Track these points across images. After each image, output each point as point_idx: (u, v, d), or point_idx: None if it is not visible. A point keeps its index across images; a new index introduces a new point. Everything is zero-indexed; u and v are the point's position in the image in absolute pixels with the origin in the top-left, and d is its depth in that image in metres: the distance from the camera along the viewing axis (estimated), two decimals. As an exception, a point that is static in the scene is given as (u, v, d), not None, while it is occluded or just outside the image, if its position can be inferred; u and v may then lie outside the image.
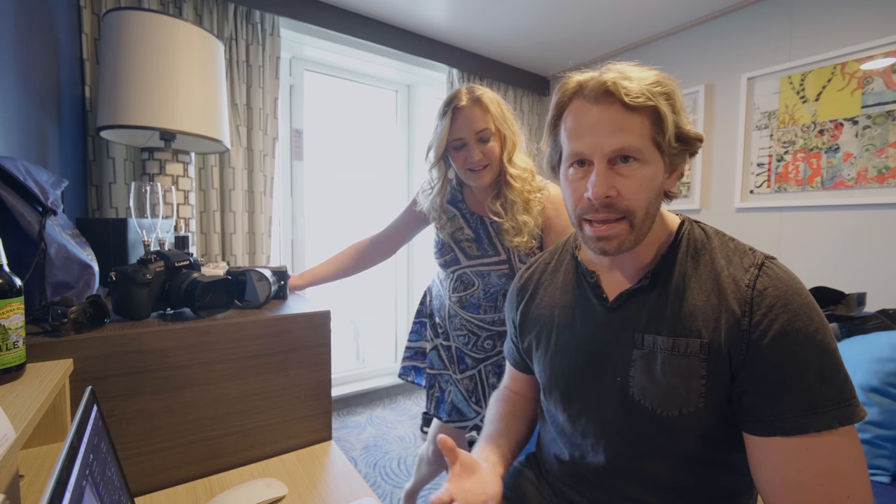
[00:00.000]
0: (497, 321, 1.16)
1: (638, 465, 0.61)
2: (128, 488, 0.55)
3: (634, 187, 0.55)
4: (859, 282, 1.67)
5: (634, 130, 0.54)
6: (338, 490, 0.75)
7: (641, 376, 0.58)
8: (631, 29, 2.26)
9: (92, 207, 1.62)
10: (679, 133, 0.56)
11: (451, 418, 1.21)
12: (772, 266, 0.54)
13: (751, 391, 0.52)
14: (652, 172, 0.56)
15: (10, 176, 0.71)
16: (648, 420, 0.58)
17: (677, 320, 0.57)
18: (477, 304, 1.15)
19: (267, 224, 1.97)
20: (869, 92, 1.66)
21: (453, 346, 1.22)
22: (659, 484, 0.60)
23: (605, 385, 0.62)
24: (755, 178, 1.98)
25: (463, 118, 1.01)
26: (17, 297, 0.55)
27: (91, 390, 0.50)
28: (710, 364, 0.54)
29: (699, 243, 0.60)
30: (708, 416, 0.55)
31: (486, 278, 1.12)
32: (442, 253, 1.16)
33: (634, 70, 0.56)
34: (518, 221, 1.04)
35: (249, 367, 0.82)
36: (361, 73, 2.51)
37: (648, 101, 0.53)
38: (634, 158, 0.55)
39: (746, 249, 0.57)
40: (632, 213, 0.56)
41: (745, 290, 0.53)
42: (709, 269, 0.57)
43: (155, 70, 1.24)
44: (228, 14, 1.81)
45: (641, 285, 0.60)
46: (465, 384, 1.20)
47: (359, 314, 2.75)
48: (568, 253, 0.75)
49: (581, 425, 0.66)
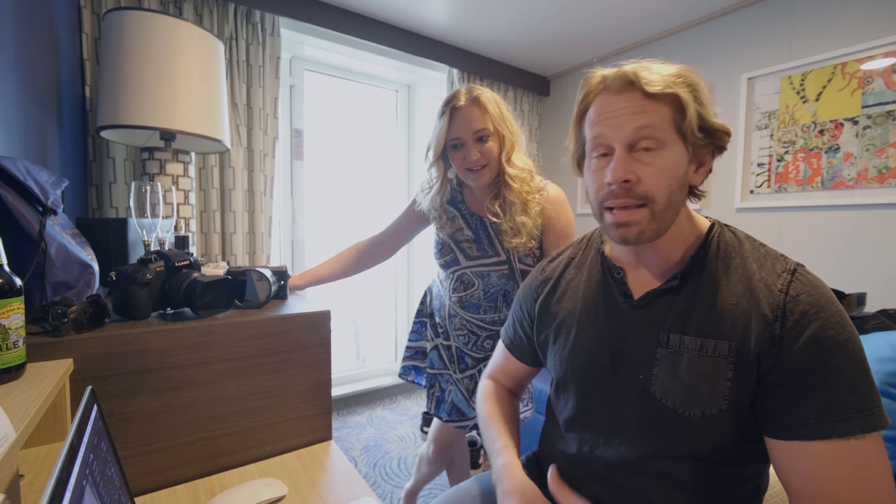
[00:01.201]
0: (497, 321, 1.16)
1: (650, 461, 0.61)
2: (128, 488, 0.55)
3: (655, 174, 0.55)
4: (859, 282, 1.67)
5: (655, 114, 0.55)
6: (338, 490, 0.75)
7: (665, 375, 0.58)
8: (631, 29, 2.26)
9: (92, 207, 1.62)
10: (703, 124, 0.56)
11: (452, 418, 1.22)
12: (804, 273, 0.54)
13: (777, 395, 0.52)
14: (673, 159, 0.56)
15: (10, 176, 0.71)
16: (669, 419, 0.58)
17: (706, 321, 0.56)
18: (477, 305, 1.16)
19: (267, 224, 1.97)
20: (869, 92, 1.66)
21: (453, 345, 1.22)
22: (667, 482, 0.60)
23: (625, 382, 0.62)
24: (755, 178, 1.98)
25: (461, 118, 1.02)
26: (17, 296, 0.55)
27: (91, 390, 0.50)
28: (737, 367, 0.54)
29: (730, 246, 0.60)
30: (730, 418, 0.55)
31: (485, 279, 1.13)
32: (442, 253, 1.16)
33: (658, 64, 0.57)
34: (516, 222, 1.04)
35: (249, 367, 0.82)
36: (361, 73, 2.51)
37: (667, 88, 0.54)
38: (655, 148, 0.55)
39: (778, 255, 0.57)
40: (652, 199, 0.55)
41: (778, 295, 0.53)
42: (739, 273, 0.57)
43: (155, 70, 1.24)
44: (228, 14, 1.81)
45: (671, 286, 0.60)
46: (466, 383, 1.20)
47: (359, 314, 2.75)
48: (593, 248, 0.74)
49: (597, 420, 0.66)
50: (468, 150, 1.03)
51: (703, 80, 0.57)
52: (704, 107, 0.56)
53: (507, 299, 1.14)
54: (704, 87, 0.57)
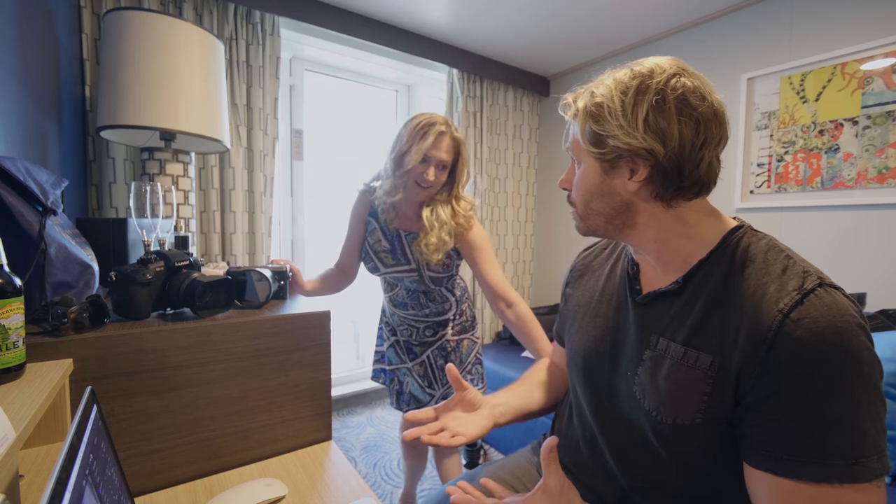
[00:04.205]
0: (429, 314, 1.31)
1: (637, 458, 0.62)
2: (128, 488, 0.55)
3: (576, 184, 0.64)
4: (859, 282, 1.67)
5: (575, 134, 0.62)
6: (338, 490, 0.75)
7: (646, 378, 0.58)
8: (631, 29, 2.26)
9: (92, 207, 1.62)
10: (592, 138, 0.58)
11: (411, 407, 1.36)
12: (822, 296, 0.47)
13: (750, 419, 0.50)
14: (585, 171, 0.61)
15: (10, 176, 0.71)
16: (645, 419, 0.58)
17: (695, 331, 0.55)
18: (403, 302, 1.32)
19: (267, 224, 1.97)
20: (869, 92, 1.66)
21: (401, 339, 1.38)
22: (651, 484, 0.61)
23: (618, 376, 0.64)
24: (755, 179, 1.98)
25: (441, 143, 1.15)
26: (17, 296, 0.55)
27: (91, 390, 0.50)
28: (715, 383, 0.51)
29: (749, 254, 0.55)
30: (705, 432, 0.54)
31: (402, 282, 1.30)
32: (366, 261, 1.32)
33: (607, 75, 0.59)
34: (442, 240, 1.18)
35: (249, 367, 0.82)
36: (361, 73, 2.51)
37: (575, 110, 0.60)
38: (579, 161, 0.63)
39: (800, 271, 0.51)
40: (574, 204, 0.65)
41: (775, 316, 0.48)
42: (747, 284, 0.52)
43: (155, 70, 1.24)
44: (228, 14, 1.81)
45: (671, 289, 0.59)
46: (418, 370, 1.35)
47: (359, 314, 2.75)
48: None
49: (593, 409, 0.68)
50: (428, 169, 1.15)
51: (619, 94, 0.55)
52: (601, 122, 0.55)
53: (428, 296, 1.30)
54: (616, 98, 0.55)
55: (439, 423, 0.68)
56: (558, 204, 2.90)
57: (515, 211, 2.90)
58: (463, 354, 1.34)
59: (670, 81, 0.53)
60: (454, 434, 0.65)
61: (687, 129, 0.53)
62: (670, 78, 0.53)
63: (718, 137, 0.55)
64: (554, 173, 2.93)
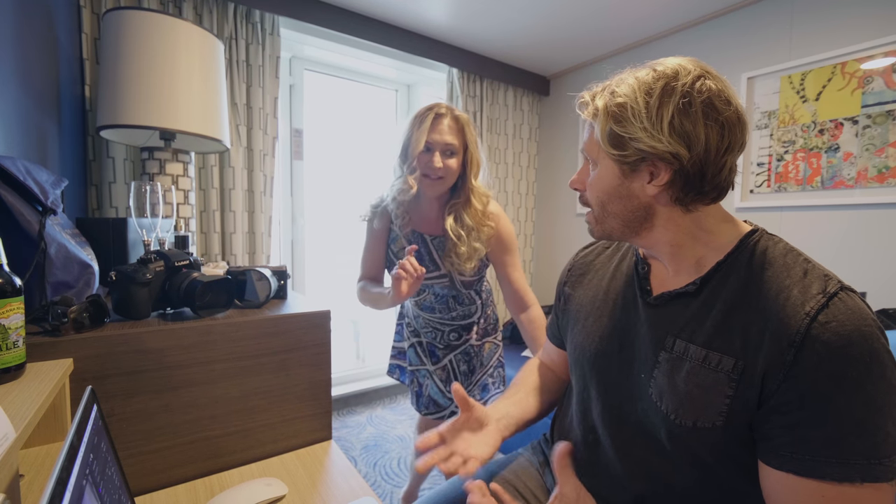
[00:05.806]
0: (457, 317, 1.26)
1: (645, 461, 0.61)
2: (128, 488, 0.55)
3: (591, 185, 0.63)
4: (859, 282, 1.67)
5: (593, 134, 0.60)
6: (338, 490, 0.75)
7: (663, 380, 0.57)
8: (631, 29, 2.26)
9: (92, 207, 1.62)
10: (613, 140, 0.57)
11: (429, 410, 1.32)
12: (845, 299, 0.48)
13: (774, 421, 0.49)
14: (602, 173, 0.60)
15: (9, 175, 0.71)
16: (662, 422, 0.57)
17: (716, 334, 0.54)
18: (431, 307, 1.27)
19: (267, 224, 1.97)
20: (869, 91, 1.66)
21: (424, 341, 1.33)
22: (660, 486, 0.60)
23: (628, 377, 0.62)
24: (755, 178, 1.98)
25: (440, 126, 1.08)
26: (17, 296, 0.55)
27: (91, 390, 0.50)
28: (739, 386, 0.51)
29: (767, 258, 0.54)
30: (725, 435, 0.53)
31: (431, 288, 1.23)
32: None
33: (629, 74, 0.57)
34: (472, 248, 1.12)
35: (249, 367, 0.82)
36: (361, 72, 2.51)
37: (594, 110, 0.58)
38: (595, 162, 0.61)
39: (821, 275, 0.51)
40: (589, 205, 0.64)
41: (803, 319, 0.47)
42: (767, 287, 0.52)
43: (155, 70, 1.24)
44: (228, 14, 1.81)
45: (687, 290, 0.58)
46: (440, 374, 1.30)
47: (359, 314, 2.75)
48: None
49: (599, 412, 0.66)
50: (433, 157, 1.08)
51: (632, 96, 0.54)
52: (623, 123, 0.54)
53: (457, 300, 1.25)
54: (640, 99, 0.53)
55: (447, 449, 0.65)
56: (558, 204, 2.90)
57: (515, 210, 2.90)
58: (484, 358, 1.31)
59: (696, 84, 0.52)
60: (466, 458, 0.63)
61: (713, 134, 0.52)
62: (696, 80, 0.52)
63: (740, 142, 0.54)
64: (554, 173, 2.93)
